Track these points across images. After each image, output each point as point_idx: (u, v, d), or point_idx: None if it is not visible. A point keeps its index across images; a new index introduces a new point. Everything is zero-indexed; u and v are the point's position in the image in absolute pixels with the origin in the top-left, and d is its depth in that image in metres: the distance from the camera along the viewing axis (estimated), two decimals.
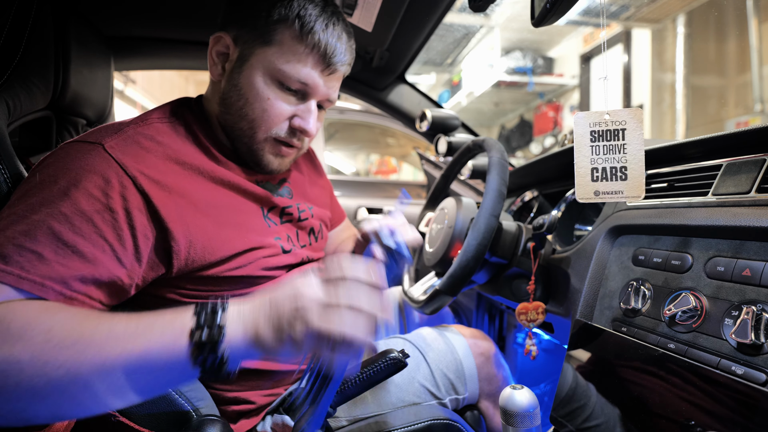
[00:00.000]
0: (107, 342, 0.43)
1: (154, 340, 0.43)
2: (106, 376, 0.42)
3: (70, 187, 0.54)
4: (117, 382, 0.42)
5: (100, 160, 0.57)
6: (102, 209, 0.55)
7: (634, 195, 0.58)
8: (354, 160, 5.15)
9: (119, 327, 0.44)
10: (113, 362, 0.42)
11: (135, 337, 0.43)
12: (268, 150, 0.73)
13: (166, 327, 0.44)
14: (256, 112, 0.69)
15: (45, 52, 0.76)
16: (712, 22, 3.10)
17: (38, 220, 0.51)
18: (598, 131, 0.60)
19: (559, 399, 0.65)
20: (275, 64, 0.67)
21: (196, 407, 0.66)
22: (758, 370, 0.43)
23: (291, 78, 0.68)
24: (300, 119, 0.71)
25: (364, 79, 1.43)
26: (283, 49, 0.67)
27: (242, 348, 0.44)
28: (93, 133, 0.62)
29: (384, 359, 0.62)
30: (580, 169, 0.61)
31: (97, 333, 0.43)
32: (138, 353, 0.42)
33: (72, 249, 0.52)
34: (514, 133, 5.10)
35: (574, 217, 1.01)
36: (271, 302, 0.46)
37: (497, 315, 1.38)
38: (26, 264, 0.48)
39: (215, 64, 0.71)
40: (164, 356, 0.43)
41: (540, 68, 4.43)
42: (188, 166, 0.66)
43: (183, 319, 0.45)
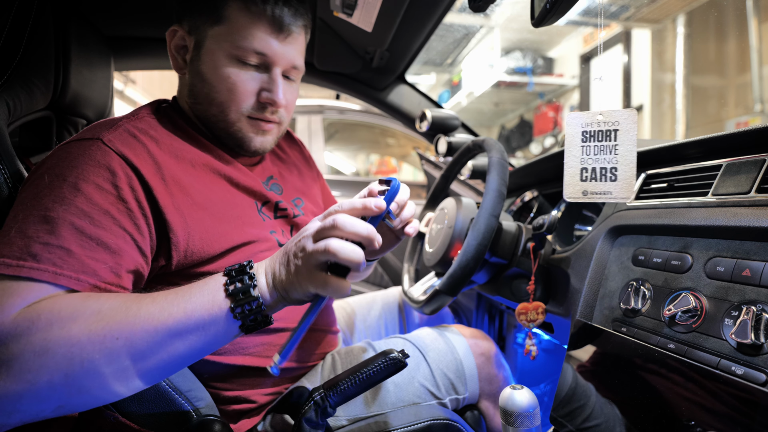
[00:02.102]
0: (154, 310, 0.47)
1: (195, 300, 0.48)
2: (159, 342, 0.46)
3: (80, 182, 0.55)
4: (169, 346, 0.47)
5: (102, 154, 0.58)
6: (115, 200, 0.57)
7: (623, 196, 0.59)
8: (354, 160, 5.15)
9: (159, 297, 0.49)
10: (164, 326, 0.47)
11: (177, 303, 0.48)
12: (246, 129, 0.72)
13: (203, 288, 0.50)
14: (222, 95, 0.69)
15: (45, 53, 0.76)
16: (712, 22, 3.10)
17: (57, 217, 0.52)
18: (590, 131, 0.60)
19: (559, 399, 0.65)
20: (229, 41, 0.67)
21: (196, 407, 0.66)
22: (758, 370, 0.43)
23: (247, 50, 0.67)
24: (266, 92, 0.70)
25: (364, 79, 1.43)
26: (234, 24, 0.67)
27: (270, 293, 0.51)
28: (89, 130, 0.62)
29: (384, 359, 0.62)
30: (570, 169, 0.61)
31: (143, 305, 0.47)
32: (183, 315, 0.47)
33: (96, 242, 0.53)
34: (514, 133, 5.10)
35: (574, 217, 1.01)
36: (283, 247, 0.54)
37: (497, 315, 1.38)
38: (57, 260, 0.50)
39: (176, 58, 0.72)
40: (206, 314, 0.48)
41: (540, 68, 4.43)
42: (183, 158, 0.67)
43: (216, 279, 0.50)
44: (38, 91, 0.75)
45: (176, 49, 0.72)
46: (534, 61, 4.41)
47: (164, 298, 0.48)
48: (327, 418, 0.62)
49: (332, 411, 0.62)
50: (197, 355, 0.50)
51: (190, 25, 0.70)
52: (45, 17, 0.74)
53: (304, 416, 0.61)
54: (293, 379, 0.80)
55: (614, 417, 0.56)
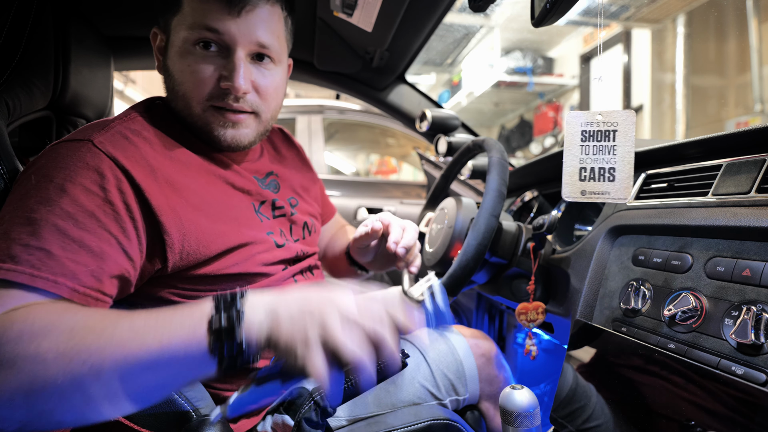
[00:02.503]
0: (128, 337, 0.43)
1: (174, 331, 0.43)
2: (128, 372, 0.42)
3: (67, 183, 0.54)
4: (139, 378, 0.43)
5: (91, 156, 0.57)
6: (102, 203, 0.55)
7: (621, 197, 0.59)
8: (354, 160, 5.15)
9: (139, 322, 0.44)
10: (134, 357, 0.42)
11: (155, 331, 0.43)
12: (213, 122, 0.67)
13: (185, 318, 0.44)
14: (184, 86, 0.66)
15: (45, 52, 0.76)
16: (712, 22, 3.10)
17: (40, 218, 0.51)
18: (589, 131, 0.60)
19: (559, 399, 0.65)
20: (185, 26, 0.64)
21: (196, 407, 0.66)
22: (758, 370, 0.43)
23: (199, 29, 0.63)
24: (225, 78, 0.65)
25: (364, 79, 1.43)
26: (188, 8, 0.64)
27: (259, 336, 0.43)
28: (80, 131, 0.61)
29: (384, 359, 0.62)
30: (569, 168, 0.61)
31: (118, 329, 0.43)
32: (158, 346, 0.42)
33: (79, 244, 0.52)
34: (514, 133, 5.10)
35: (574, 217, 1.01)
36: (297, 297, 0.46)
37: (497, 315, 1.38)
38: (36, 262, 0.48)
39: (158, 59, 0.71)
40: (183, 347, 0.42)
41: (540, 68, 4.43)
42: (176, 159, 0.66)
43: (202, 309, 0.44)
44: (38, 91, 0.75)
45: (158, 51, 0.71)
46: (534, 61, 4.41)
47: (143, 324, 0.44)
48: (327, 418, 0.62)
49: (332, 411, 0.62)
50: (169, 389, 0.46)
51: (163, 24, 0.68)
52: (45, 17, 0.74)
53: (304, 416, 0.61)
54: None
55: (614, 417, 0.56)
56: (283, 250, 0.75)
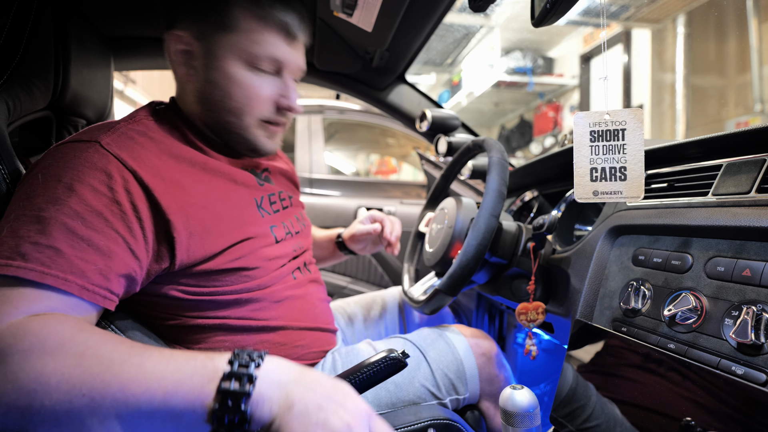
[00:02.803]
0: (134, 377, 0.41)
1: (181, 382, 0.41)
2: (123, 415, 0.40)
3: (75, 183, 0.54)
4: (132, 423, 0.40)
5: (99, 157, 0.58)
6: (109, 203, 0.56)
7: (634, 195, 0.58)
8: (354, 160, 5.15)
9: (149, 363, 0.42)
10: (135, 402, 0.40)
11: (162, 377, 0.41)
12: (260, 134, 0.74)
13: (198, 368, 0.42)
14: (239, 102, 0.70)
15: (45, 53, 0.76)
16: (712, 22, 3.10)
17: (49, 217, 0.51)
18: (597, 131, 0.60)
19: (559, 399, 0.65)
20: (244, 49, 0.68)
21: None
22: (758, 370, 0.43)
23: (263, 58, 0.69)
24: (284, 98, 0.73)
25: (364, 79, 1.43)
26: (247, 32, 0.67)
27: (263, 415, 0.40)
28: (86, 132, 0.62)
29: (384, 359, 0.62)
30: (579, 169, 0.61)
31: (126, 366, 0.41)
32: (162, 396, 0.40)
33: (87, 243, 0.52)
34: (514, 133, 5.10)
35: (574, 217, 1.01)
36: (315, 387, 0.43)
37: (497, 315, 1.38)
38: (46, 260, 0.49)
39: (179, 64, 0.71)
40: (186, 403, 0.40)
41: (540, 68, 4.43)
42: (181, 159, 0.67)
43: (216, 364, 0.42)
44: (38, 91, 0.75)
45: (178, 54, 0.70)
46: (534, 61, 4.41)
47: (152, 366, 0.42)
48: None
49: None
50: None
51: (195, 31, 0.68)
52: (45, 17, 0.74)
53: None
54: None
55: (614, 417, 0.56)
56: (282, 245, 0.77)
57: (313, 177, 2.23)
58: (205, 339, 0.71)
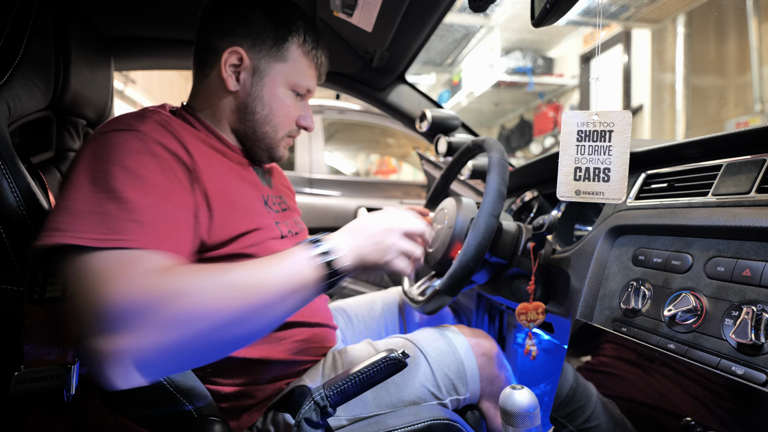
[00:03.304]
0: (262, 285, 0.54)
1: (287, 269, 0.57)
2: (267, 309, 0.54)
3: (138, 168, 0.59)
4: (273, 310, 0.55)
5: (146, 141, 0.62)
6: (174, 180, 0.62)
7: (615, 198, 0.59)
8: (354, 160, 5.15)
9: (264, 272, 0.55)
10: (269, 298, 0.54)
11: (279, 277, 0.55)
12: (283, 145, 0.87)
13: (289, 257, 0.58)
14: (279, 118, 0.82)
15: (45, 53, 0.76)
16: (712, 22, 3.10)
17: (128, 198, 0.55)
18: (585, 131, 0.60)
19: (559, 399, 0.65)
20: (291, 78, 0.81)
21: (197, 407, 0.66)
22: (758, 370, 0.43)
23: (303, 87, 0.84)
24: (304, 118, 0.86)
25: (364, 79, 1.43)
26: (296, 66, 0.81)
27: (347, 260, 0.61)
28: (117, 122, 0.64)
29: (384, 359, 0.62)
30: (564, 168, 0.61)
31: (251, 282, 0.54)
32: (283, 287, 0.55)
33: (171, 218, 0.58)
34: (514, 133, 5.10)
35: (574, 217, 1.01)
36: (364, 230, 0.65)
37: (497, 315, 1.38)
38: (141, 232, 0.54)
39: (229, 76, 0.78)
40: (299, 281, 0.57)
41: (540, 68, 4.43)
42: (206, 143, 0.74)
43: (299, 250, 0.59)
44: (38, 91, 0.75)
45: (231, 67, 0.78)
46: (534, 61, 4.41)
47: (269, 273, 0.55)
48: (327, 418, 0.62)
49: (332, 411, 0.62)
50: (288, 315, 0.58)
51: (249, 51, 0.78)
52: (45, 17, 0.74)
53: (304, 416, 0.61)
54: (295, 375, 0.80)
55: (614, 417, 0.56)
56: (285, 242, 0.80)
57: (313, 177, 2.23)
58: None
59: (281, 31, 0.79)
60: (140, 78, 4.38)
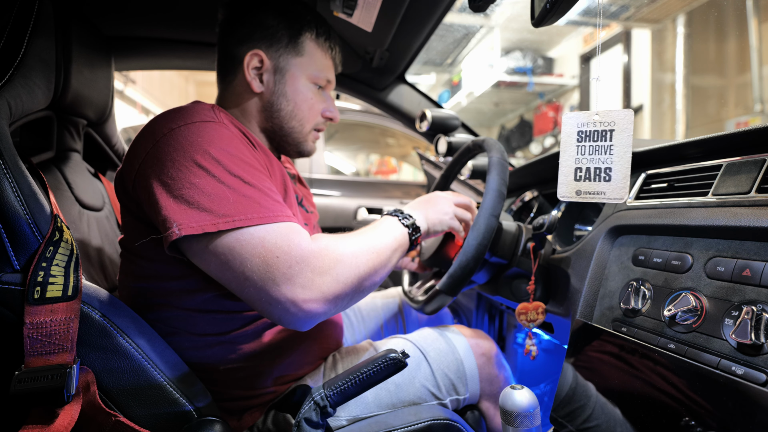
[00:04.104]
0: (384, 245, 0.70)
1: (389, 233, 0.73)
2: (388, 258, 0.71)
3: (241, 154, 0.65)
4: (392, 258, 0.72)
5: (231, 131, 0.68)
6: (259, 165, 0.68)
7: (617, 197, 0.58)
8: (354, 160, 5.15)
9: (381, 237, 0.71)
10: (390, 250, 0.71)
11: (391, 238, 0.72)
12: (310, 139, 0.89)
13: (386, 225, 0.74)
14: (303, 111, 0.85)
15: (47, 53, 0.76)
16: (712, 22, 3.10)
17: (232, 183, 0.62)
18: (585, 131, 0.60)
19: (559, 399, 0.65)
20: (310, 71, 0.84)
21: (197, 407, 0.66)
22: (758, 370, 0.43)
23: (322, 78, 0.86)
24: (329, 110, 0.89)
25: (364, 79, 1.43)
26: (313, 58, 0.84)
27: (422, 226, 0.79)
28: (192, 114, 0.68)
29: (384, 359, 0.62)
30: (564, 168, 0.61)
31: (378, 244, 0.70)
32: (394, 244, 0.72)
33: (273, 197, 0.64)
34: (514, 133, 5.10)
35: (574, 217, 1.01)
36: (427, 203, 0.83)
37: (497, 315, 1.38)
38: (282, 208, 0.64)
39: (253, 78, 0.81)
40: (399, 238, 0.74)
41: (540, 68, 4.43)
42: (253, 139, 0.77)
43: (391, 219, 0.76)
44: (39, 91, 0.75)
45: (253, 69, 0.81)
46: (534, 61, 4.41)
47: (385, 237, 0.72)
48: (327, 418, 0.62)
49: (332, 411, 0.62)
50: (397, 256, 0.73)
51: (268, 52, 0.81)
52: (46, 17, 0.74)
53: (304, 416, 0.61)
54: (296, 376, 0.80)
55: (614, 417, 0.56)
56: None
57: (313, 177, 2.23)
58: (221, 326, 0.72)
59: (294, 27, 0.82)
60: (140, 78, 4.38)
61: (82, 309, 0.59)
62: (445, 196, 0.86)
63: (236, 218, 0.59)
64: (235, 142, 0.67)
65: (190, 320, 0.71)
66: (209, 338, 0.72)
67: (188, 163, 0.62)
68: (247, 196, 0.62)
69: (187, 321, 0.71)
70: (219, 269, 0.61)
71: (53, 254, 0.58)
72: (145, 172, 0.64)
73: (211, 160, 0.62)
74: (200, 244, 0.60)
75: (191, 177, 0.61)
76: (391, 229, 0.74)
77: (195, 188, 0.60)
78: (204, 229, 0.58)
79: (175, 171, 0.61)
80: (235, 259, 0.60)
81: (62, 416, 0.53)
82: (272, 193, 0.65)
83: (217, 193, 0.60)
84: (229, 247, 0.59)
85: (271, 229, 0.61)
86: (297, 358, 0.79)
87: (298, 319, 0.61)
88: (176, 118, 0.67)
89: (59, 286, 0.57)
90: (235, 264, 0.60)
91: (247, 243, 0.59)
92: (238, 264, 0.60)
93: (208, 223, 0.59)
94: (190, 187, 0.60)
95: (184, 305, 0.71)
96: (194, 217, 0.59)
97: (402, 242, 0.74)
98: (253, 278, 0.59)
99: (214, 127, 0.66)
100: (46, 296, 0.56)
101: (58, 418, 0.53)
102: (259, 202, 0.62)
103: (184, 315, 0.71)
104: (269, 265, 0.59)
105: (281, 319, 0.61)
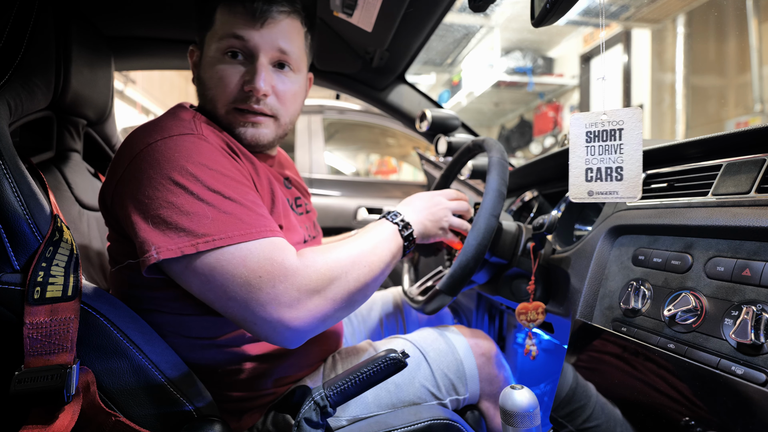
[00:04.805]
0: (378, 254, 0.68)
1: (384, 241, 0.71)
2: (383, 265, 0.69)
3: (221, 167, 0.63)
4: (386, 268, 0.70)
5: (210, 143, 0.65)
6: (246, 176, 0.66)
7: (630, 195, 0.58)
8: (354, 160, 5.15)
9: (376, 246, 0.69)
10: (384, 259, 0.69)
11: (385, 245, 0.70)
12: (234, 122, 0.75)
13: (381, 230, 0.72)
14: (212, 90, 0.74)
15: (46, 53, 0.76)
16: (712, 22, 3.10)
17: (212, 200, 0.59)
18: (594, 132, 0.60)
19: (559, 399, 0.65)
20: (216, 38, 0.73)
21: (197, 407, 0.66)
22: (758, 370, 0.43)
23: (227, 38, 0.72)
24: (248, 82, 0.72)
25: (364, 79, 1.43)
26: (218, 24, 0.73)
27: (415, 232, 0.76)
28: (169, 127, 0.65)
29: (384, 359, 0.62)
30: (575, 170, 0.61)
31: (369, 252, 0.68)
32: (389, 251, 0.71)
33: (256, 210, 0.62)
34: (514, 133, 5.10)
35: (574, 217, 1.01)
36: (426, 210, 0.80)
37: (497, 315, 1.38)
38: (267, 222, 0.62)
39: (194, 75, 0.78)
40: (394, 246, 0.72)
41: (540, 68, 4.43)
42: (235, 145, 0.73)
43: (385, 223, 0.74)
44: (39, 91, 0.75)
45: (194, 66, 0.78)
46: (534, 61, 4.41)
47: (379, 244, 0.70)
48: (327, 418, 0.62)
49: (332, 411, 0.62)
50: (390, 269, 0.72)
51: (199, 42, 0.77)
52: (46, 17, 0.74)
53: (304, 416, 0.61)
54: (295, 380, 0.80)
55: (614, 417, 0.56)
56: (305, 246, 0.79)
57: (313, 177, 2.23)
58: (214, 329, 0.72)
59: (208, 4, 0.74)
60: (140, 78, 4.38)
61: (81, 309, 0.59)
62: (446, 204, 0.83)
63: (216, 237, 0.57)
64: (214, 155, 0.64)
65: (182, 324, 0.70)
66: (203, 341, 0.71)
67: (165, 181, 0.59)
68: (228, 212, 0.59)
69: (180, 325, 0.70)
70: (201, 290, 0.59)
71: (53, 254, 0.58)
72: (122, 191, 0.62)
73: (188, 177, 0.59)
74: (179, 265, 0.58)
75: (168, 195, 0.58)
76: (387, 240, 0.71)
77: (172, 207, 0.58)
78: (183, 251, 0.56)
79: (151, 190, 0.59)
80: (216, 280, 0.57)
81: (62, 416, 0.53)
82: (255, 206, 0.62)
83: (195, 211, 0.58)
84: (210, 268, 0.57)
85: (254, 247, 0.58)
86: (296, 359, 0.79)
87: (286, 338, 0.59)
88: (153, 132, 0.64)
89: (59, 286, 0.57)
90: (217, 285, 0.57)
91: (227, 263, 0.57)
92: (219, 285, 0.57)
93: (186, 244, 0.56)
94: (168, 207, 0.58)
95: (175, 310, 0.70)
96: (173, 239, 0.56)
97: (396, 254, 0.72)
98: (236, 299, 0.57)
99: (191, 140, 0.63)
100: (46, 296, 0.56)
101: (58, 419, 0.53)
102: (241, 218, 0.59)
103: (176, 319, 0.70)
104: (252, 285, 0.57)
105: (269, 338, 0.60)
